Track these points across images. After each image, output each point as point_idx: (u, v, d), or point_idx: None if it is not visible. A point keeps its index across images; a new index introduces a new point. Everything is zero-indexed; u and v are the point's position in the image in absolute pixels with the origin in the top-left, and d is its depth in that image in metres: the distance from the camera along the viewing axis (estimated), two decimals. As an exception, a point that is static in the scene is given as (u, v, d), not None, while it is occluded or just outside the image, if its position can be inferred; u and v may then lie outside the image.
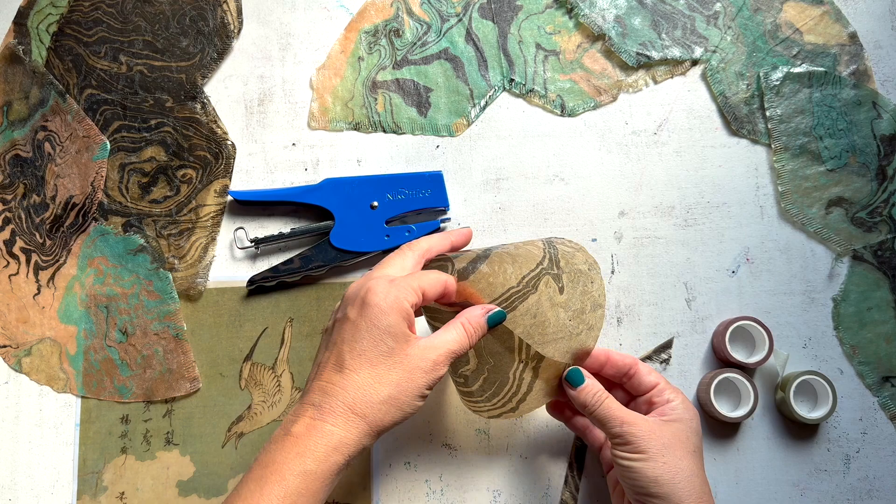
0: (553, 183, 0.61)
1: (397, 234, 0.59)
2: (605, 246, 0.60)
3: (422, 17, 0.63)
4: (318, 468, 0.42)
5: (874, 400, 0.58)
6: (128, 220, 0.61)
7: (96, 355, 0.59)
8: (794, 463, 0.57)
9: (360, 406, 0.43)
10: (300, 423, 0.43)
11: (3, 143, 0.62)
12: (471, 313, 0.47)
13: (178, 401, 0.59)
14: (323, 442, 0.42)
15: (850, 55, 0.62)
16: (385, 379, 0.43)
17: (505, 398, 0.51)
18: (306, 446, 0.42)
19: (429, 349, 0.45)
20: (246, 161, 0.62)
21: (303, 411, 0.43)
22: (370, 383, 0.43)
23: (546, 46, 0.63)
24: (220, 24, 0.63)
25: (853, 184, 0.60)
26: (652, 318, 0.59)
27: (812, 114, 0.61)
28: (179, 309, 0.59)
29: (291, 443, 0.42)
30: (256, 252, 0.61)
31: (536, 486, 0.57)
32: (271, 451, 0.42)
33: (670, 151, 0.61)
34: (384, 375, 0.43)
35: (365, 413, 0.43)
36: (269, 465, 0.42)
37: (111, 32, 0.63)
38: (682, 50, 0.62)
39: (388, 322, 0.44)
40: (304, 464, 0.41)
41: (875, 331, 0.58)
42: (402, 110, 0.62)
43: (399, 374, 0.44)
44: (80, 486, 0.58)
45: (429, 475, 0.57)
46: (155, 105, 0.62)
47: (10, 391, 0.59)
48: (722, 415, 0.55)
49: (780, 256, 0.60)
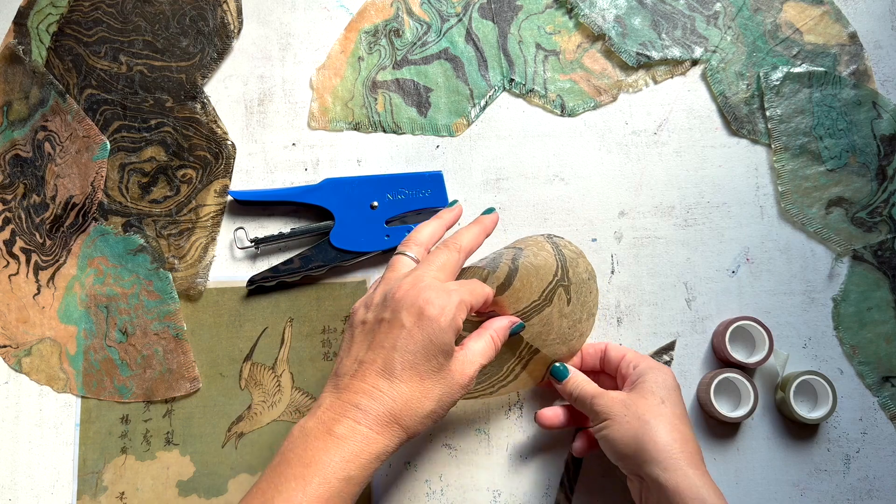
0: (553, 183, 0.61)
1: (397, 234, 0.59)
2: (605, 246, 0.60)
3: (422, 17, 0.63)
4: (359, 474, 0.42)
5: (874, 400, 0.58)
6: (128, 220, 0.61)
7: (96, 355, 0.59)
8: (794, 463, 0.57)
9: (405, 418, 0.43)
10: (344, 425, 0.42)
11: (3, 143, 0.62)
12: (499, 325, 0.50)
13: (178, 401, 0.59)
14: (368, 450, 0.42)
15: (850, 55, 0.62)
16: (431, 394, 0.44)
17: (490, 384, 0.55)
18: (351, 452, 0.42)
19: (466, 364, 0.46)
20: (246, 161, 0.62)
21: (345, 411, 0.43)
22: (417, 397, 0.44)
23: (546, 46, 0.63)
24: (220, 24, 0.63)
25: (853, 184, 0.60)
26: (652, 318, 0.59)
27: (812, 114, 0.61)
28: (179, 309, 0.59)
29: (335, 445, 0.42)
30: (256, 252, 0.61)
31: (536, 486, 0.57)
32: (313, 449, 0.42)
33: (670, 151, 0.61)
34: (430, 390, 0.44)
35: (408, 425, 0.43)
36: (311, 465, 0.41)
37: (111, 32, 0.63)
38: (682, 50, 0.62)
39: (445, 340, 0.44)
40: (348, 469, 0.41)
41: (875, 331, 0.58)
42: (402, 110, 0.62)
43: (442, 389, 0.44)
44: (80, 486, 0.58)
45: (429, 475, 0.57)
46: (155, 105, 0.62)
47: (10, 391, 0.59)
48: (722, 415, 0.55)
49: (780, 256, 0.60)
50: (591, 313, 0.55)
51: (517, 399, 0.58)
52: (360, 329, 0.46)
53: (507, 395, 0.58)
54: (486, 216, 0.53)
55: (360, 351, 0.45)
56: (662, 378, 0.50)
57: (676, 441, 0.46)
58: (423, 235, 0.51)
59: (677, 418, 0.48)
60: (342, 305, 0.60)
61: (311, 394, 0.59)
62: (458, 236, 0.50)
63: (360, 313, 0.47)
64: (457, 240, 0.50)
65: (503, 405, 0.58)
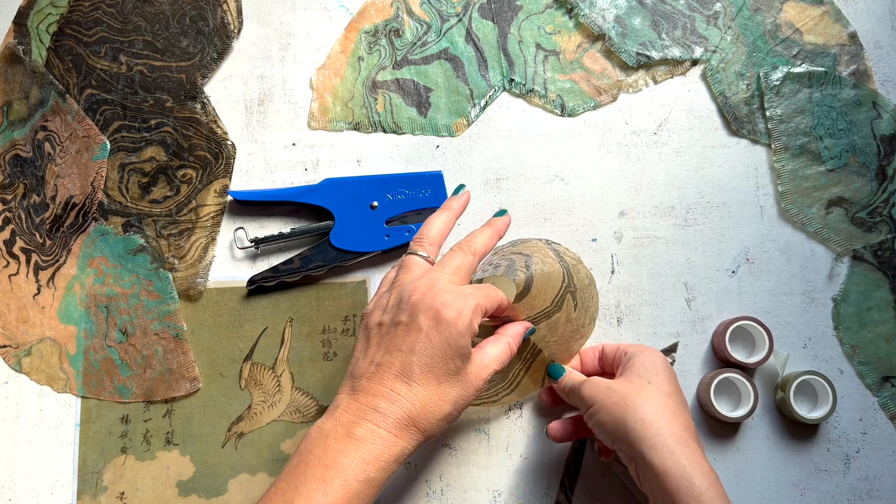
0: (553, 183, 0.61)
1: (397, 234, 0.59)
2: (605, 246, 0.60)
3: (422, 17, 0.63)
4: (379, 476, 0.42)
5: (874, 400, 0.58)
6: (128, 220, 0.61)
7: (96, 355, 0.59)
8: (794, 463, 0.57)
9: (423, 421, 0.44)
10: (363, 427, 0.43)
11: (3, 143, 0.62)
12: (515, 331, 0.50)
13: (178, 401, 0.59)
14: (388, 452, 0.43)
15: (850, 55, 0.62)
16: (448, 397, 0.44)
17: (494, 392, 0.56)
18: (371, 454, 0.42)
19: (482, 367, 0.46)
20: (246, 161, 0.62)
21: (364, 414, 0.43)
22: (435, 400, 0.44)
23: (546, 46, 0.63)
24: (220, 24, 0.63)
25: (853, 184, 0.60)
26: (652, 318, 0.59)
27: (812, 114, 0.61)
28: (179, 309, 0.59)
29: (355, 447, 0.42)
30: (256, 252, 0.61)
31: (536, 486, 0.57)
32: (333, 451, 0.42)
33: (670, 151, 0.61)
34: (448, 393, 0.44)
35: (425, 428, 0.44)
36: (331, 467, 0.42)
37: (111, 32, 0.63)
38: (682, 50, 0.62)
39: (462, 343, 0.44)
40: (368, 471, 0.42)
41: (875, 331, 0.58)
42: (402, 110, 0.62)
43: (458, 392, 0.45)
44: (80, 486, 0.58)
45: (429, 475, 0.57)
46: (155, 105, 0.62)
47: (10, 391, 0.59)
48: (722, 415, 0.55)
49: (780, 256, 0.60)
50: (592, 318, 0.56)
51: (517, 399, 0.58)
52: (376, 331, 0.46)
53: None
54: (499, 218, 0.53)
55: (377, 354, 0.45)
56: (651, 360, 0.50)
57: (663, 416, 0.45)
58: (434, 231, 0.50)
59: (666, 395, 0.47)
60: (342, 305, 0.60)
61: (312, 394, 0.59)
62: (473, 239, 0.50)
63: (374, 315, 0.47)
64: (471, 242, 0.50)
65: (503, 405, 0.58)
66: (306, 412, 0.58)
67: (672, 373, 0.50)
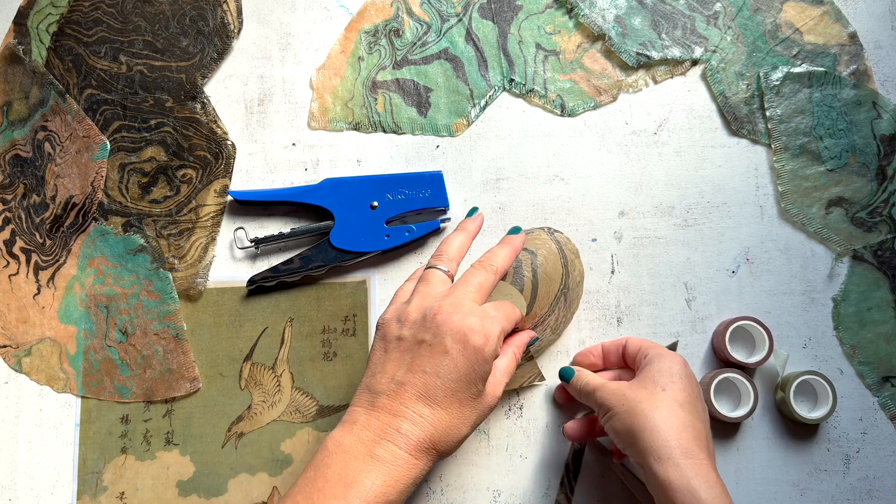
0: (553, 183, 0.61)
1: (397, 234, 0.59)
2: (605, 246, 0.60)
3: (422, 17, 0.63)
4: (398, 498, 0.43)
5: (874, 400, 0.58)
6: (128, 220, 0.61)
7: (96, 355, 0.59)
8: (794, 463, 0.57)
9: (443, 444, 0.44)
10: (385, 448, 0.42)
11: (3, 143, 0.62)
12: (520, 342, 0.51)
13: (178, 401, 0.59)
14: (407, 475, 0.43)
15: (850, 55, 0.62)
16: (468, 420, 0.45)
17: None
18: (392, 476, 0.42)
19: (495, 385, 0.47)
20: (246, 161, 0.62)
21: (385, 434, 0.43)
22: (456, 424, 0.44)
23: (546, 46, 0.63)
24: (220, 24, 0.63)
25: (853, 184, 0.60)
26: (652, 318, 0.59)
27: (812, 114, 0.61)
28: (179, 309, 0.59)
29: (376, 468, 0.42)
30: (256, 252, 0.61)
31: (536, 486, 0.57)
32: (354, 470, 0.42)
33: (670, 151, 0.61)
34: (468, 416, 0.45)
35: (443, 450, 0.44)
36: (352, 486, 0.41)
37: (111, 32, 0.63)
38: (682, 50, 0.62)
39: (486, 369, 0.44)
40: (388, 493, 0.42)
41: (875, 331, 0.58)
42: (402, 110, 0.62)
43: (478, 414, 0.45)
44: (80, 486, 0.58)
45: (429, 475, 0.57)
46: (155, 105, 0.62)
47: (10, 391, 0.59)
48: (722, 415, 0.55)
49: (780, 256, 0.60)
50: (573, 312, 0.58)
51: (517, 399, 0.58)
52: (396, 345, 0.45)
53: (506, 394, 0.58)
54: (514, 237, 0.52)
55: (398, 370, 0.45)
56: (668, 365, 0.49)
57: (672, 428, 0.45)
58: (453, 249, 0.50)
59: (678, 405, 0.46)
60: (342, 305, 0.60)
61: (311, 394, 0.59)
62: (493, 257, 0.49)
63: (393, 327, 0.46)
64: (492, 261, 0.49)
65: (503, 405, 0.58)
66: (306, 412, 0.58)
67: (690, 380, 0.49)
